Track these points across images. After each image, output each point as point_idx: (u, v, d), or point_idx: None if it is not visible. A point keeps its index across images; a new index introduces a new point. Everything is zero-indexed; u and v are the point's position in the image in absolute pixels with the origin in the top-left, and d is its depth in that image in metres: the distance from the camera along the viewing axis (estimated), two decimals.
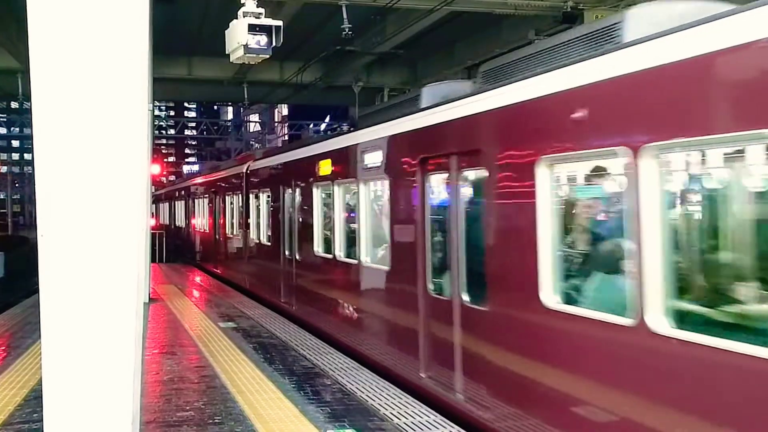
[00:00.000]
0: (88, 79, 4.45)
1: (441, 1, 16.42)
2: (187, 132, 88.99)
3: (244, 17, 9.19)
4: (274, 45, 9.26)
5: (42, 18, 4.42)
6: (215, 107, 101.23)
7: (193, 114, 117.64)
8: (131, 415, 4.59)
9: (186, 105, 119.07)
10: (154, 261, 24.69)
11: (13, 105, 50.27)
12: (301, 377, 8.77)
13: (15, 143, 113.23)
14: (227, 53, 9.72)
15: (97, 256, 4.47)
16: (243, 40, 9.11)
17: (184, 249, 29.65)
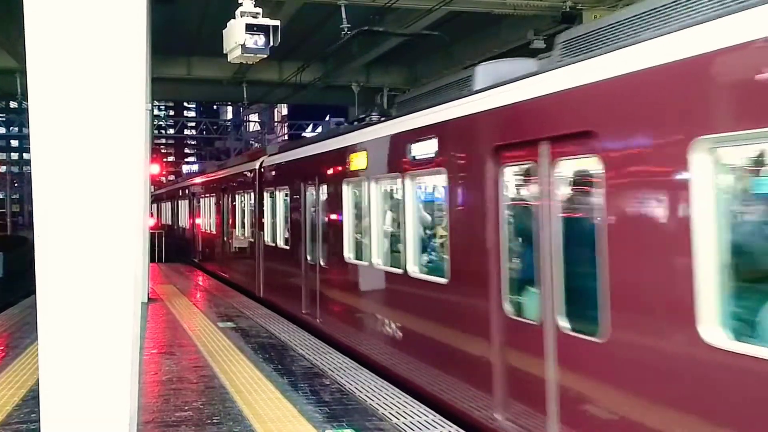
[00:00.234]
0: (85, 79, 4.45)
1: (440, 1, 16.42)
2: (187, 132, 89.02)
3: (241, 17, 9.17)
4: (271, 45, 9.25)
5: (39, 17, 4.42)
6: (215, 107, 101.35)
7: (193, 114, 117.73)
8: (128, 416, 4.59)
9: (185, 105, 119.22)
10: (153, 261, 24.77)
11: (12, 105, 50.23)
12: (300, 377, 8.77)
13: (14, 143, 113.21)
14: (225, 53, 9.71)
15: (95, 256, 4.47)
16: (240, 39, 9.09)
17: (187, 250, 28.47)
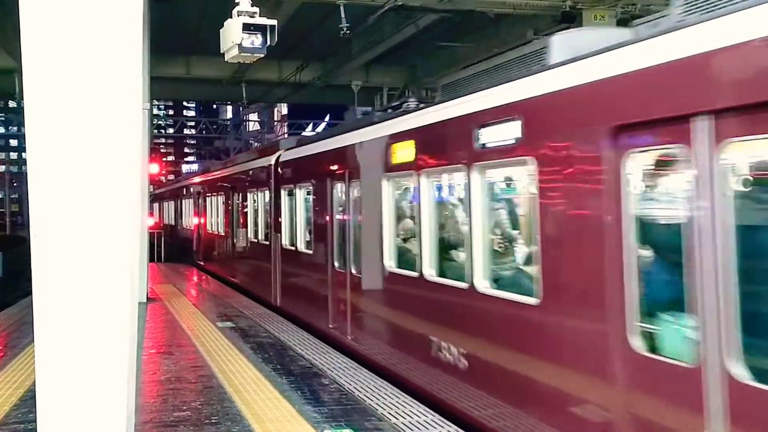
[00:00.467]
0: (81, 78, 4.43)
1: (438, 1, 16.40)
2: (186, 131, 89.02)
3: (238, 16, 9.11)
4: (268, 44, 9.20)
5: (35, 16, 4.40)
6: (214, 106, 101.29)
7: (192, 113, 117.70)
8: (125, 416, 4.57)
9: (185, 104, 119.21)
10: (153, 261, 24.75)
11: (11, 104, 50.24)
12: (299, 377, 8.76)
13: (13, 142, 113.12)
14: (222, 52, 9.66)
15: (91, 255, 4.45)
16: (237, 39, 9.03)
17: (191, 252, 27.04)
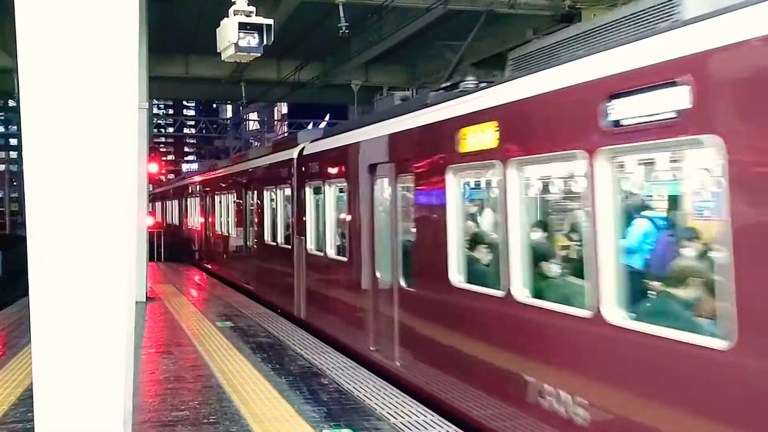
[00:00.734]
0: (77, 77, 4.42)
1: (437, 0, 16.38)
2: (186, 130, 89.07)
3: (234, 15, 9.08)
4: (265, 43, 9.16)
5: (30, 14, 4.39)
6: (214, 106, 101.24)
7: (192, 112, 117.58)
8: (123, 415, 4.57)
9: (185, 103, 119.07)
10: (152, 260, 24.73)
11: (11, 104, 50.21)
12: (298, 376, 8.75)
13: (13, 141, 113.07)
14: (219, 51, 9.63)
15: (87, 255, 4.45)
16: (234, 38, 8.98)
17: (197, 255, 25.81)
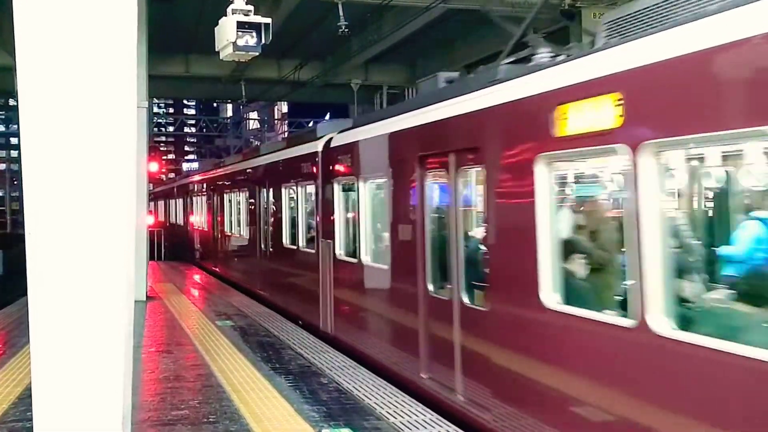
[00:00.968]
0: (75, 76, 4.42)
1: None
2: (187, 129, 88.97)
3: (232, 14, 9.06)
4: (263, 42, 9.13)
5: (29, 12, 4.39)
6: (214, 105, 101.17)
7: (193, 111, 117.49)
8: (122, 414, 4.57)
9: (185, 102, 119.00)
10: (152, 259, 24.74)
11: (12, 102, 50.21)
12: (298, 376, 8.75)
13: (14, 141, 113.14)
14: (217, 50, 9.61)
15: (86, 254, 4.45)
16: (232, 37, 8.95)
17: (200, 257, 25.28)
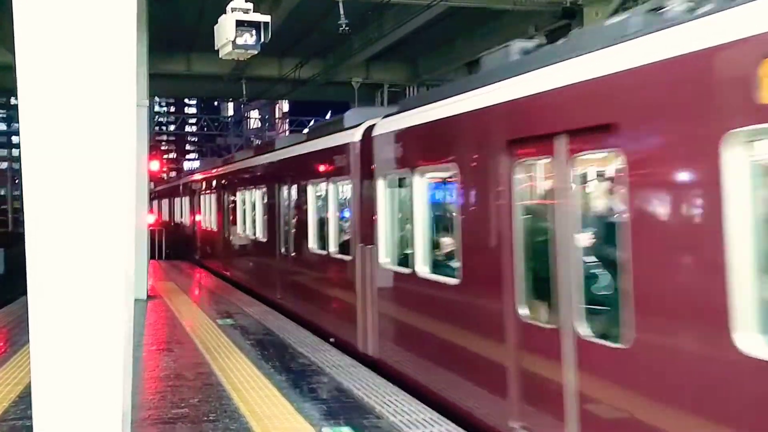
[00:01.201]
0: (75, 75, 4.42)
1: None
2: (188, 128, 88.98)
3: (232, 12, 9.03)
4: (262, 41, 9.11)
5: (28, 10, 4.38)
6: (215, 103, 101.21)
7: (194, 110, 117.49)
8: (121, 413, 4.57)
9: (186, 101, 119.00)
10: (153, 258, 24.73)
11: (13, 101, 50.27)
12: (298, 374, 8.75)
13: (15, 139, 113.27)
14: (216, 49, 9.59)
15: (85, 252, 4.44)
16: (231, 35, 8.93)
17: (204, 257, 24.10)
